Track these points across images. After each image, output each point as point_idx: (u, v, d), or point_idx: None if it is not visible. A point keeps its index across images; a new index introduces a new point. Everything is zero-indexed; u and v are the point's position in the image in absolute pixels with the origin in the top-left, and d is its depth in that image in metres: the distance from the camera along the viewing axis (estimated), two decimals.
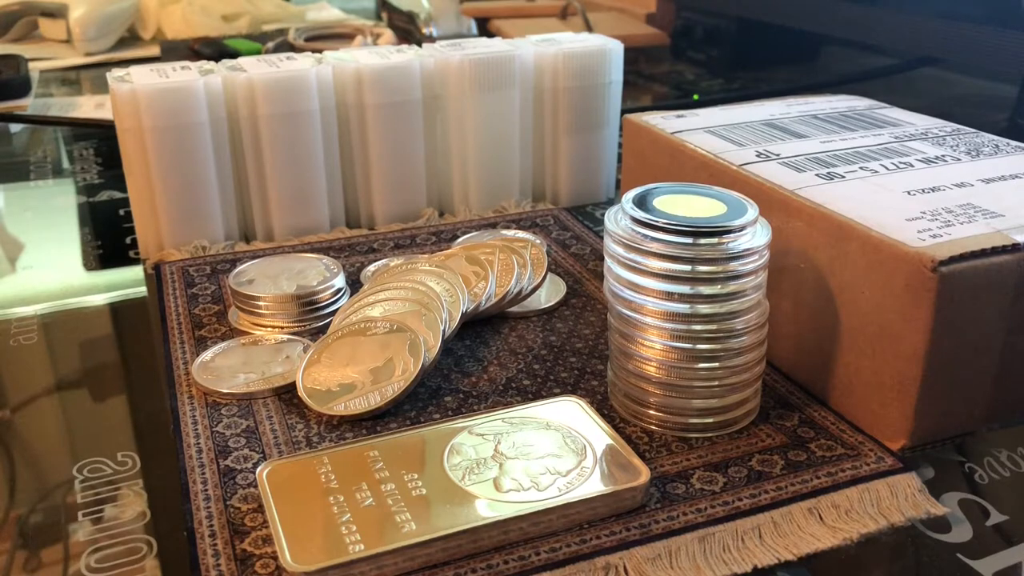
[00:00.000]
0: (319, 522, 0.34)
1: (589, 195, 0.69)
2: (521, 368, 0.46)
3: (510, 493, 0.35)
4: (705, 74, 1.13)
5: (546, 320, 0.51)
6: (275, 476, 0.36)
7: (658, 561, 0.34)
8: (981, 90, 0.98)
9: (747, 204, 0.39)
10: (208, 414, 0.42)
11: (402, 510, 0.34)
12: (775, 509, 0.36)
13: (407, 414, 0.42)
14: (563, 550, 0.34)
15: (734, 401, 0.40)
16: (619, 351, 0.41)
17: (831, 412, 0.42)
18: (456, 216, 0.66)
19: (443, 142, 0.65)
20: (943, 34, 0.76)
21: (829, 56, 1.16)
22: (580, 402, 0.41)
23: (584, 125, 0.67)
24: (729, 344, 0.39)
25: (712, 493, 0.37)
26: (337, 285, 0.51)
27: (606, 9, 1.33)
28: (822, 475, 0.38)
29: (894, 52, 1.03)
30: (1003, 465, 0.40)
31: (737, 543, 0.35)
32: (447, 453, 0.38)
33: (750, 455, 0.39)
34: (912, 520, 0.36)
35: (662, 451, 0.39)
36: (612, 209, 0.40)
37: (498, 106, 0.64)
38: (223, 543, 0.34)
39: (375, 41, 1.16)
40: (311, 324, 0.50)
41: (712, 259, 0.37)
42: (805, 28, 1.04)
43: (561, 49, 0.65)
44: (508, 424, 0.40)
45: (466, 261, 0.51)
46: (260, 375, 0.44)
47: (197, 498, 0.37)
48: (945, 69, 1.02)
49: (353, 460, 0.37)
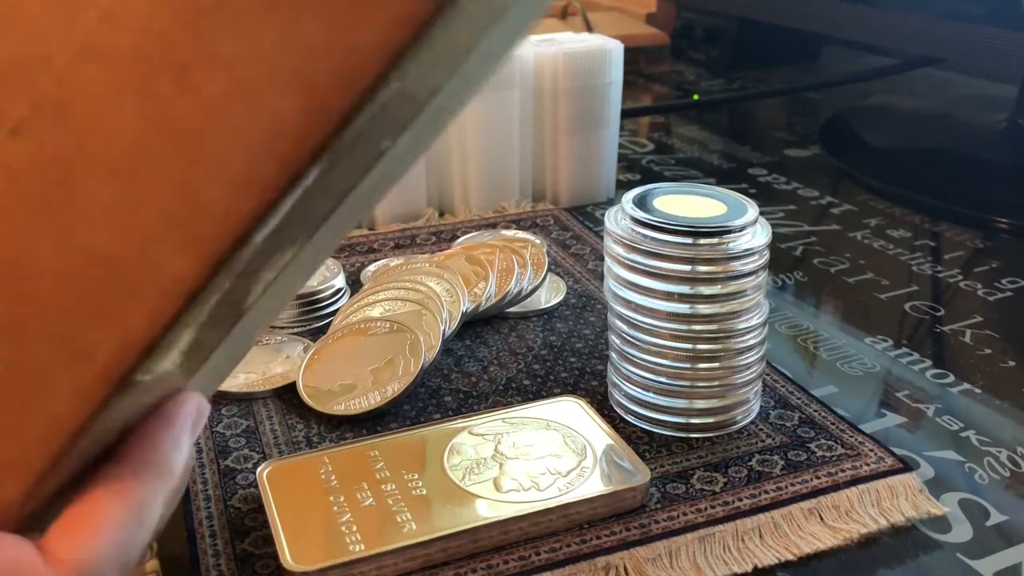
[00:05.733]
0: (319, 522, 0.34)
1: (589, 195, 0.69)
2: (521, 368, 0.46)
3: (510, 493, 0.35)
4: (705, 74, 1.12)
5: (546, 320, 0.51)
6: (275, 476, 0.36)
7: (658, 561, 0.34)
8: (981, 90, 0.98)
9: (747, 204, 0.39)
10: (208, 414, 0.42)
11: (402, 510, 0.34)
12: (775, 509, 0.36)
13: (407, 414, 0.42)
14: (563, 550, 0.34)
15: (734, 401, 0.40)
16: (619, 351, 0.41)
17: (831, 412, 0.42)
18: (456, 216, 0.66)
19: (443, 142, 0.65)
20: (943, 34, 0.76)
21: (829, 56, 1.16)
22: (580, 402, 0.41)
23: (584, 125, 0.67)
24: (729, 344, 0.39)
25: (712, 493, 0.37)
26: (337, 285, 0.51)
27: (606, 9, 1.33)
28: (822, 475, 0.38)
29: (894, 52, 1.03)
30: (1003, 465, 0.40)
31: (737, 543, 0.35)
32: (447, 453, 0.38)
33: (750, 455, 0.39)
34: (912, 520, 0.36)
35: (662, 451, 0.39)
36: (612, 209, 0.40)
37: (498, 106, 0.64)
38: (223, 543, 0.34)
39: None
40: (311, 324, 0.50)
41: (712, 259, 0.37)
42: (805, 28, 1.04)
43: (561, 49, 0.65)
44: (508, 424, 0.40)
45: (466, 261, 0.51)
46: (260, 375, 0.44)
47: (197, 498, 0.37)
48: (945, 69, 1.02)
49: (353, 460, 0.37)
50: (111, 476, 0.21)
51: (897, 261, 0.60)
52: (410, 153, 0.22)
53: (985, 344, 0.50)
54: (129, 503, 0.21)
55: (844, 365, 0.47)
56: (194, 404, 0.23)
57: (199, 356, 0.21)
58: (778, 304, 0.54)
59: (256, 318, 0.22)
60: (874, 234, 0.64)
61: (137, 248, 0.19)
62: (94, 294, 0.19)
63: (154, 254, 0.19)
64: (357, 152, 0.19)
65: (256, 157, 0.18)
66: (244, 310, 0.20)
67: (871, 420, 0.43)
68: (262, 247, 0.19)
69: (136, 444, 0.22)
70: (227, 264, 0.19)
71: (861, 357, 0.48)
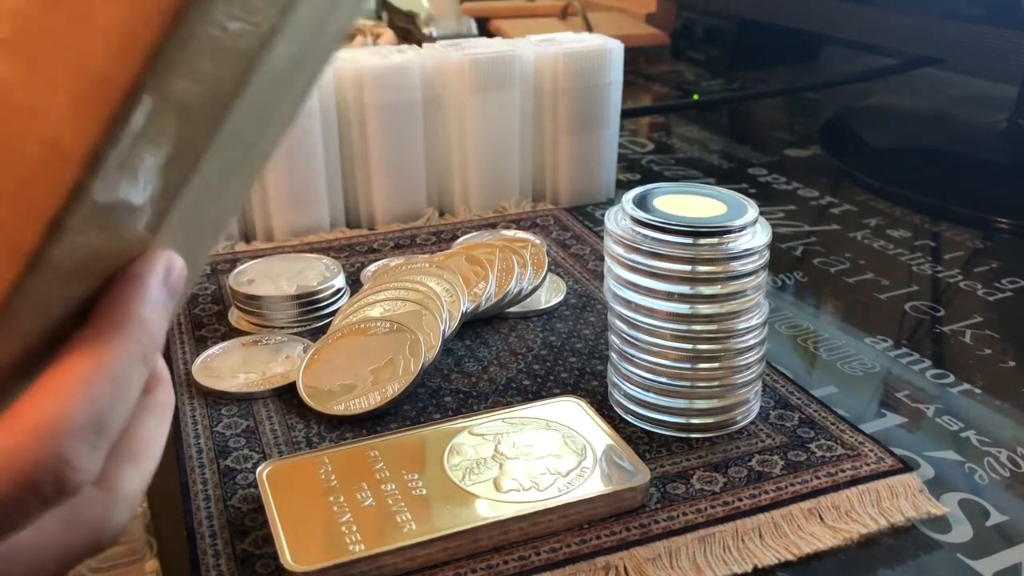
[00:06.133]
0: (319, 522, 0.34)
1: (589, 195, 0.69)
2: (521, 368, 0.46)
3: (510, 493, 0.35)
4: (705, 74, 1.12)
5: (546, 320, 0.51)
6: (275, 476, 0.36)
7: (658, 561, 0.34)
8: (981, 90, 0.98)
9: (747, 204, 0.39)
10: (208, 414, 0.42)
11: (402, 510, 0.34)
12: (775, 509, 0.36)
13: (407, 414, 0.42)
14: (563, 550, 0.34)
15: (734, 401, 0.40)
16: (619, 351, 0.41)
17: (831, 412, 0.42)
18: (456, 216, 0.65)
19: (443, 142, 0.65)
20: (943, 34, 0.76)
21: (829, 56, 1.16)
22: (580, 402, 0.41)
23: (584, 125, 0.67)
24: (729, 344, 0.39)
25: (712, 493, 0.37)
26: (337, 285, 0.51)
27: (606, 9, 1.33)
28: (822, 475, 0.38)
29: (894, 52, 1.03)
30: (1003, 465, 0.40)
31: (737, 543, 0.35)
32: (447, 453, 0.38)
33: (750, 455, 0.39)
34: (912, 520, 0.36)
35: (662, 451, 0.39)
36: (612, 209, 0.40)
37: (498, 106, 0.64)
38: (223, 543, 0.34)
39: (375, 41, 1.16)
40: (311, 324, 0.50)
41: (712, 259, 0.37)
42: (805, 28, 1.04)
43: (561, 49, 0.65)
44: (508, 424, 0.40)
45: (466, 261, 0.51)
46: (260, 375, 0.44)
47: (197, 498, 0.37)
48: (945, 69, 1.02)
49: (353, 460, 0.37)
50: (78, 339, 0.20)
51: (897, 261, 0.60)
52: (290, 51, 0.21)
53: (985, 344, 0.50)
54: (98, 363, 0.20)
55: (844, 365, 0.47)
56: (163, 260, 0.22)
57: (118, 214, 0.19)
58: (778, 304, 0.54)
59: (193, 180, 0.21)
60: (874, 234, 0.64)
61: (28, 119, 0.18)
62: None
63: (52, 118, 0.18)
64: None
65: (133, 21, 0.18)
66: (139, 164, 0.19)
67: (871, 420, 0.43)
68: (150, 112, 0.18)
69: (103, 305, 0.21)
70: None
71: (861, 357, 0.48)
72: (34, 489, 0.19)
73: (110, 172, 0.19)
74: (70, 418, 0.19)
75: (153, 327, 0.21)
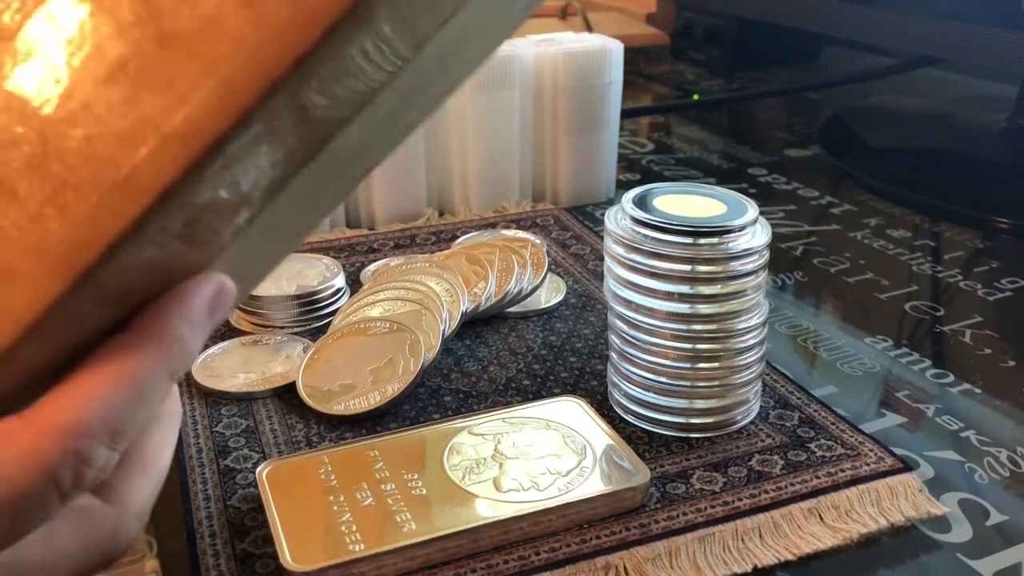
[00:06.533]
0: (319, 522, 0.34)
1: (589, 195, 0.69)
2: (521, 368, 0.46)
3: (510, 493, 0.35)
4: (705, 74, 1.12)
5: (546, 320, 0.51)
6: (275, 476, 0.36)
7: (658, 561, 0.34)
8: (981, 90, 0.98)
9: (747, 204, 0.39)
10: (208, 414, 0.42)
11: (402, 510, 0.34)
12: (775, 509, 0.36)
13: (407, 414, 0.42)
14: (563, 550, 0.34)
15: (734, 401, 0.40)
16: (619, 351, 0.41)
17: (831, 412, 0.42)
18: (456, 216, 0.65)
19: (443, 142, 0.65)
20: (943, 34, 0.76)
21: (829, 56, 1.16)
22: (580, 402, 0.41)
23: (584, 125, 0.67)
24: (729, 344, 0.39)
25: (712, 493, 0.37)
26: (337, 285, 0.51)
27: (606, 9, 1.33)
28: (822, 475, 0.38)
29: (894, 52, 1.03)
30: (1003, 465, 0.40)
31: (737, 543, 0.35)
32: (447, 453, 0.38)
33: (750, 455, 0.39)
34: (912, 520, 0.36)
35: (662, 451, 0.39)
36: (612, 209, 0.40)
37: (498, 106, 0.64)
38: (223, 543, 0.34)
39: None
40: (311, 324, 0.50)
41: (712, 259, 0.37)
42: (805, 28, 1.04)
43: (561, 49, 0.65)
44: (508, 424, 0.40)
45: (466, 261, 0.51)
46: (260, 375, 0.44)
47: (197, 498, 0.37)
48: (945, 69, 1.02)
49: (353, 460, 0.37)
50: (111, 344, 0.21)
51: (897, 261, 0.60)
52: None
53: (985, 344, 0.50)
54: (126, 371, 0.20)
55: (844, 365, 0.47)
56: (214, 283, 0.22)
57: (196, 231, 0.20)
58: (778, 304, 0.54)
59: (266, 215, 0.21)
60: (874, 234, 0.64)
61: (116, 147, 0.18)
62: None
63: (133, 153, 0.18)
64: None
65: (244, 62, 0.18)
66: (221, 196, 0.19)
67: (871, 420, 0.43)
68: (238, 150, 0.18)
69: (145, 315, 0.21)
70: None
71: (861, 357, 0.48)
72: (56, 484, 0.20)
73: (174, 208, 0.19)
74: (88, 424, 0.20)
75: (188, 346, 0.22)
